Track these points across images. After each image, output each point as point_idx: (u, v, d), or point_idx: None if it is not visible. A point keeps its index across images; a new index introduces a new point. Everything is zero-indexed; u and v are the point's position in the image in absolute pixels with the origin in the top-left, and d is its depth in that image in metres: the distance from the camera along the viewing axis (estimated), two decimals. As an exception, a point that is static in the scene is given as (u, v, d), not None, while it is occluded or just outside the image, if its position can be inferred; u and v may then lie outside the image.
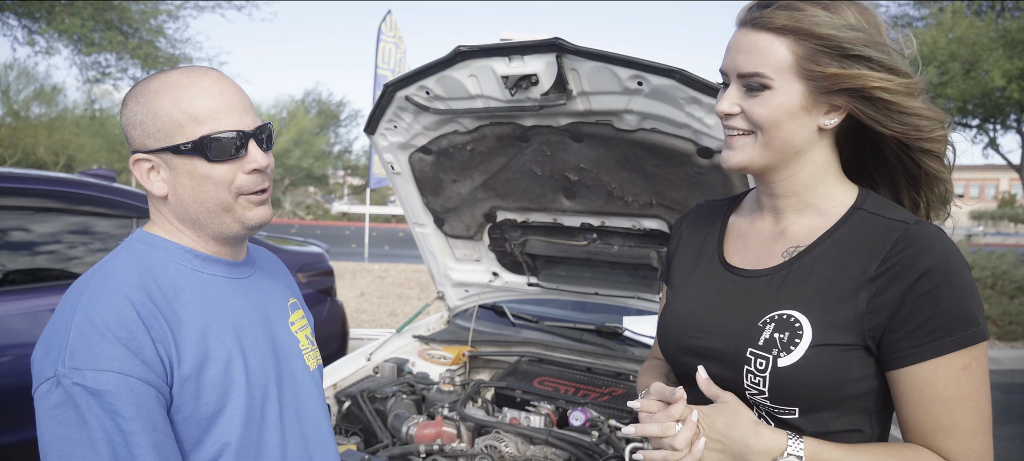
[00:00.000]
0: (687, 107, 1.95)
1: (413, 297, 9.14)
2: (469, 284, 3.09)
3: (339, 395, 2.53)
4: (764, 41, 0.99)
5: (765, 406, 1.03)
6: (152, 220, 1.13)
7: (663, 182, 2.25)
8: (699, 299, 1.14)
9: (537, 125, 2.27)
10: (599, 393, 2.48)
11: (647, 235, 2.50)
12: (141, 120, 1.05)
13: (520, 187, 2.56)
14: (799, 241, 1.07)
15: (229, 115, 1.05)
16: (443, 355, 2.91)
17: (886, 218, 1.01)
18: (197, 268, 1.10)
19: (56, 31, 10.58)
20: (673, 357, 1.16)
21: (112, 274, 1.02)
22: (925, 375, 0.95)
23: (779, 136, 1.01)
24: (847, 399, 1.00)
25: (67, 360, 0.93)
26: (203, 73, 1.07)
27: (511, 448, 2.13)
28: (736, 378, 1.04)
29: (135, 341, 0.96)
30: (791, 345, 0.99)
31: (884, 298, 0.96)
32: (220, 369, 1.04)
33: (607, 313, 3.10)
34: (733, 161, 1.06)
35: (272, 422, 1.11)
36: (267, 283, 1.23)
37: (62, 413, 0.92)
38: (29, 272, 3.13)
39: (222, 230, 1.10)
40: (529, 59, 2.06)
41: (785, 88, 0.99)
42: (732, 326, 1.06)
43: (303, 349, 1.24)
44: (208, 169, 1.04)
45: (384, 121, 2.50)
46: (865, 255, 0.99)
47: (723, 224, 1.21)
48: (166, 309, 1.01)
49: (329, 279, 4.37)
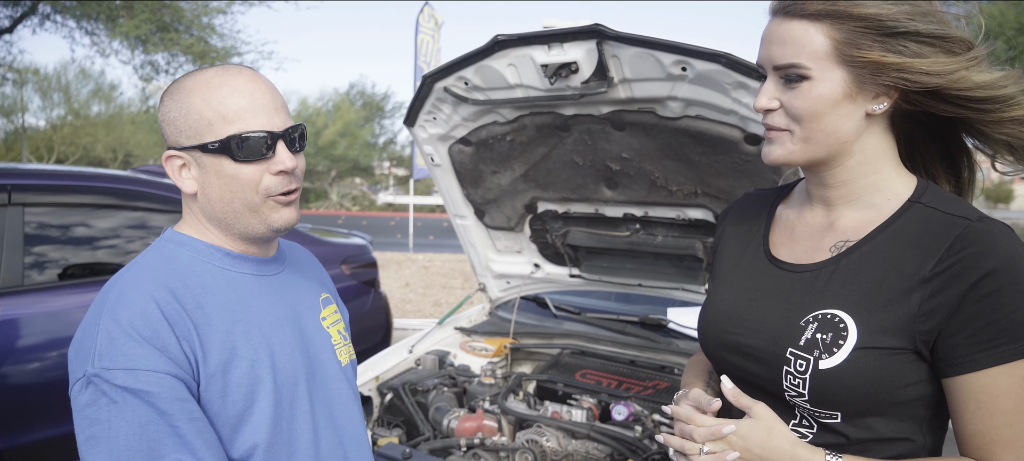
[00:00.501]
0: (733, 93, 1.87)
1: (457, 287, 9.19)
2: (510, 276, 3.07)
3: (381, 387, 2.54)
4: (798, 29, 0.92)
5: (805, 408, 0.97)
6: (183, 218, 1.13)
7: (708, 171, 2.18)
8: (741, 293, 1.08)
9: (578, 114, 2.22)
10: (643, 386, 2.43)
11: (692, 225, 2.43)
12: (174, 117, 1.05)
13: (561, 177, 2.52)
14: (849, 235, 1.00)
15: (258, 115, 1.04)
16: (485, 347, 2.90)
17: (945, 213, 0.93)
18: (225, 266, 1.10)
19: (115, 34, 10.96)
20: (712, 353, 1.11)
21: (139, 274, 1.03)
22: (984, 384, 0.88)
23: (821, 128, 0.94)
24: (895, 405, 0.93)
25: (96, 360, 0.94)
26: (237, 72, 1.07)
27: (552, 442, 2.10)
28: (775, 378, 0.98)
29: (160, 339, 0.96)
30: (834, 347, 0.92)
31: (939, 300, 0.88)
32: (247, 367, 1.04)
33: (651, 305, 3.04)
34: (773, 157, 0.99)
35: (303, 420, 1.11)
36: (297, 279, 1.23)
37: (94, 412, 0.93)
38: (87, 267, 3.24)
39: (247, 230, 1.09)
40: (569, 47, 2.01)
41: (825, 77, 0.92)
42: (773, 323, 1.00)
43: (335, 345, 1.23)
44: (235, 169, 1.04)
45: (423, 113, 2.49)
46: (920, 253, 0.91)
47: (770, 215, 1.14)
48: (192, 307, 1.02)
49: (373, 271, 4.40)
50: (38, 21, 11.80)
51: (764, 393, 1.03)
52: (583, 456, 2.07)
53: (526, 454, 2.05)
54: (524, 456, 2.05)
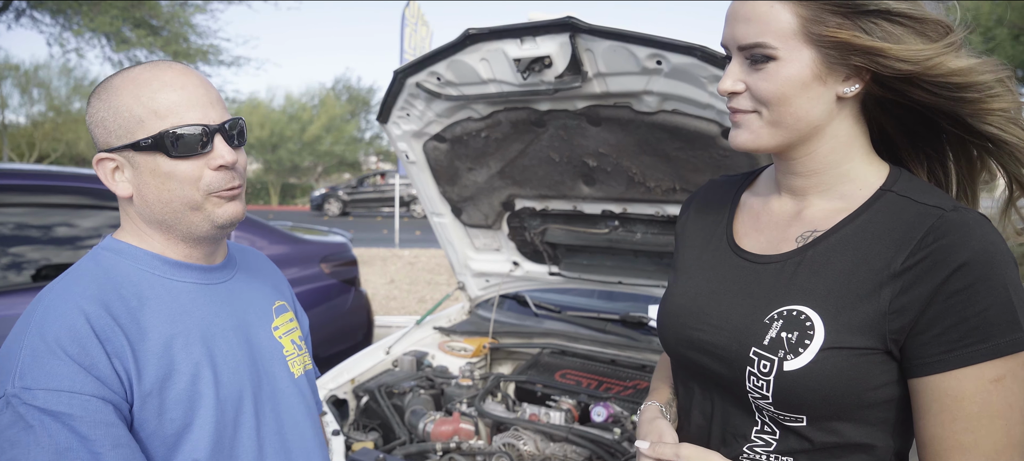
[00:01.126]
0: (710, 86, 1.83)
1: (442, 283, 9.13)
2: (490, 274, 3.01)
3: (357, 390, 2.48)
4: (764, 7, 0.86)
5: (769, 412, 0.91)
6: (121, 225, 1.07)
7: (686, 166, 2.13)
8: (702, 285, 1.02)
9: (553, 109, 2.17)
10: (623, 386, 2.39)
11: (671, 222, 2.39)
12: (103, 117, 0.99)
13: (538, 174, 2.47)
14: (816, 225, 0.93)
15: (192, 109, 0.98)
16: (464, 347, 2.85)
17: (919, 203, 0.87)
18: (166, 275, 1.04)
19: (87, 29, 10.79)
20: (672, 349, 1.04)
21: (70, 287, 0.97)
22: (949, 386, 0.82)
23: (790, 112, 0.88)
24: (863, 408, 0.87)
25: (17, 379, 0.88)
26: (167, 66, 1.01)
27: (529, 446, 2.06)
28: (737, 379, 0.92)
29: (88, 357, 0.90)
30: (800, 347, 0.86)
31: (910, 296, 0.82)
32: (186, 383, 0.98)
33: (632, 302, 3.00)
34: (739, 141, 0.93)
35: (247, 436, 1.05)
36: (248, 286, 1.16)
37: (14, 435, 0.87)
38: (62, 268, 3.16)
39: (191, 230, 1.03)
40: (541, 40, 1.96)
41: (792, 57, 0.86)
42: (735, 320, 0.94)
43: (288, 355, 1.17)
44: (171, 166, 0.98)
45: (396, 109, 2.43)
46: (891, 245, 0.85)
47: (734, 202, 1.08)
48: (126, 321, 0.96)
49: (353, 269, 4.33)
50: (13, 16, 11.59)
51: (726, 392, 0.97)
52: (561, 460, 2.03)
53: (503, 458, 2.01)
54: (501, 460, 2.01)
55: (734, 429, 0.97)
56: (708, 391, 1.01)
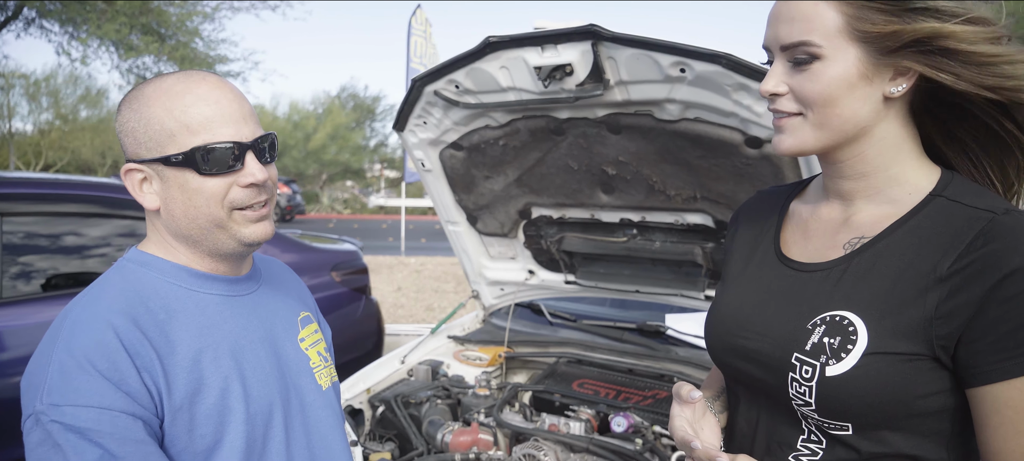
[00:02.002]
0: (734, 94, 1.81)
1: (449, 291, 9.11)
2: (505, 283, 3.00)
3: (373, 400, 2.46)
4: (807, 5, 0.85)
5: (814, 419, 0.89)
6: (147, 236, 1.05)
7: (708, 175, 2.12)
8: (748, 295, 1.01)
9: (572, 117, 2.15)
10: (642, 396, 2.37)
11: (690, 230, 2.37)
12: (133, 128, 0.97)
13: (555, 182, 2.45)
14: (864, 231, 0.91)
15: (225, 125, 0.97)
16: (479, 356, 2.83)
17: (969, 207, 0.85)
18: (193, 288, 1.02)
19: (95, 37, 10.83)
20: (718, 358, 1.04)
21: (97, 300, 0.95)
22: (1010, 396, 0.80)
23: (836, 113, 0.87)
24: (913, 417, 0.85)
25: (45, 396, 0.86)
26: (200, 78, 0.99)
27: (550, 457, 2.04)
28: (781, 385, 0.91)
29: (117, 372, 0.88)
30: (842, 352, 0.85)
31: (958, 301, 0.81)
32: (216, 397, 0.96)
33: (649, 311, 2.98)
34: (784, 146, 0.91)
35: (276, 450, 1.03)
36: (274, 298, 1.15)
37: (44, 453, 0.86)
38: (72, 277, 3.15)
39: (217, 247, 1.02)
40: (563, 48, 1.95)
41: (838, 56, 0.85)
42: (779, 327, 0.93)
43: (314, 367, 1.16)
44: (199, 183, 0.96)
45: (413, 117, 2.42)
46: (938, 249, 0.83)
47: (783, 212, 1.06)
48: (155, 334, 0.94)
49: (363, 277, 4.32)
50: (23, 25, 11.65)
51: (772, 401, 0.96)
52: (582, 471, 2.01)
53: (523, 470, 1.98)
54: (521, 472, 1.98)
55: (780, 438, 0.95)
56: (754, 400, 1.00)
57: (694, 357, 2.53)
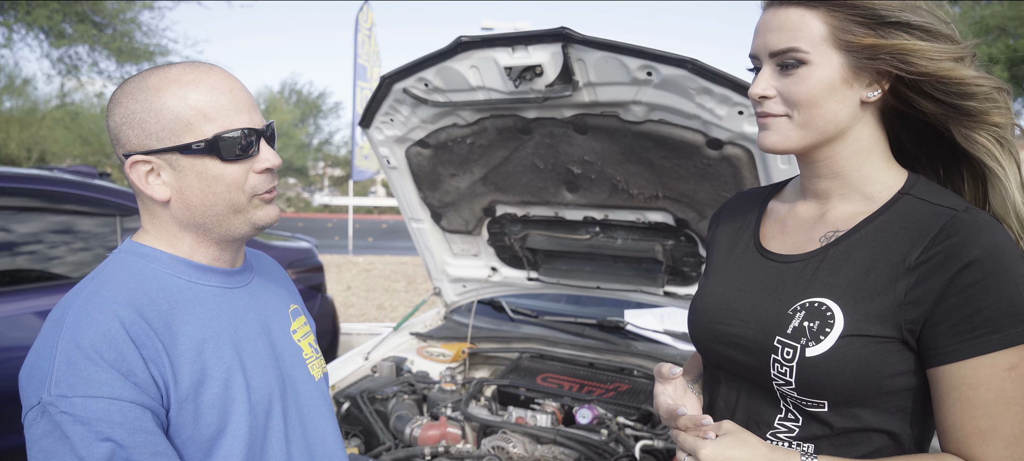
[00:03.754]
0: (698, 98, 1.90)
1: (400, 289, 9.06)
2: (467, 279, 3.03)
3: (338, 396, 2.46)
4: (795, 16, 0.94)
5: (793, 398, 0.98)
6: (144, 229, 1.05)
7: (670, 174, 2.20)
8: (731, 285, 1.09)
9: (540, 117, 2.21)
10: (604, 389, 2.44)
11: (652, 228, 2.46)
12: (142, 118, 0.97)
13: (521, 181, 2.50)
14: (838, 226, 1.01)
15: (239, 113, 0.99)
16: (442, 352, 2.85)
17: (934, 204, 0.95)
18: (192, 279, 1.03)
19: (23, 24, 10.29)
20: (702, 344, 1.12)
21: (99, 290, 0.95)
22: (965, 374, 0.89)
23: (819, 114, 0.96)
24: (882, 395, 0.94)
25: (53, 387, 0.86)
26: (209, 69, 1.00)
27: (519, 448, 2.08)
28: (763, 368, 0.99)
29: (125, 363, 0.89)
30: (821, 334, 0.94)
31: (924, 289, 0.90)
32: (219, 387, 0.97)
33: (607, 307, 3.06)
34: (769, 143, 1.00)
35: (276, 440, 1.05)
36: (266, 290, 1.16)
37: (50, 444, 0.85)
38: (7, 274, 3.01)
39: (229, 232, 1.03)
40: (533, 49, 2.00)
41: (823, 61, 0.94)
42: (761, 313, 1.01)
43: (307, 358, 1.18)
44: (220, 169, 0.98)
45: (380, 114, 2.43)
46: (906, 242, 0.93)
47: (762, 209, 1.16)
48: (159, 325, 0.94)
49: (319, 275, 4.28)
50: (-58, 10, 10.97)
51: (752, 384, 1.04)
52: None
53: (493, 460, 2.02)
54: (491, 463, 2.02)
55: (758, 417, 1.03)
56: (734, 383, 1.07)
57: (653, 351, 2.62)
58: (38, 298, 2.97)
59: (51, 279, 3.10)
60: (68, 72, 11.73)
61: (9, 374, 2.70)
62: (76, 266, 3.19)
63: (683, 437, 0.98)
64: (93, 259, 3.21)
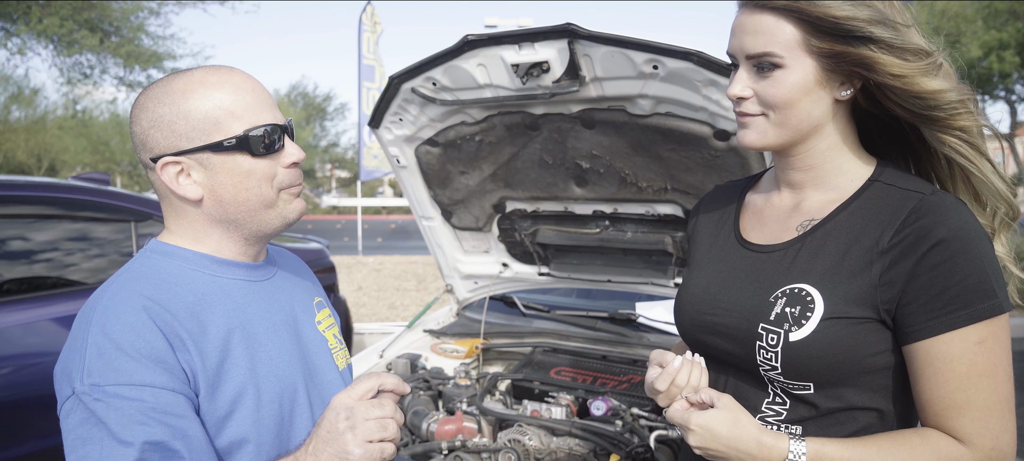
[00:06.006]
0: (704, 90, 1.91)
1: (411, 289, 9.10)
2: (478, 276, 3.06)
3: (354, 394, 2.49)
4: (769, 20, 0.97)
5: (780, 382, 1.01)
6: (169, 229, 1.08)
7: (678, 166, 2.22)
8: (714, 276, 1.13)
9: (548, 113, 2.23)
10: (617, 381, 2.46)
11: (661, 221, 2.48)
12: (171, 121, 1.00)
13: (530, 177, 2.52)
14: (814, 215, 1.05)
15: (264, 110, 1.03)
16: (456, 349, 2.88)
17: (902, 189, 0.99)
18: (217, 274, 1.06)
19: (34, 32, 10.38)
20: (688, 335, 1.15)
21: (126, 285, 0.98)
22: (938, 350, 0.93)
23: (794, 114, 0.99)
24: (865, 374, 0.98)
25: (86, 376, 0.90)
26: (230, 71, 1.04)
27: (535, 441, 2.11)
28: (748, 354, 1.03)
29: (154, 351, 0.92)
30: (802, 319, 0.97)
31: (896, 270, 0.94)
32: (245, 377, 1.01)
33: (618, 300, 3.08)
34: (747, 141, 1.04)
35: (301, 429, 1.08)
36: (290, 283, 1.20)
37: (86, 431, 0.89)
38: (26, 281, 3.06)
39: (260, 227, 1.06)
40: (540, 46, 2.02)
41: (797, 65, 0.97)
42: (744, 302, 1.05)
43: (332, 348, 1.21)
44: (252, 165, 1.02)
45: (389, 114, 2.46)
46: (878, 226, 0.97)
47: (740, 201, 1.20)
48: (185, 317, 0.98)
49: (331, 275, 4.33)
50: (-48, 23, 11.08)
51: (739, 371, 1.07)
52: (566, 453, 2.09)
53: (509, 454, 2.05)
54: (507, 456, 2.05)
55: (746, 402, 1.06)
56: (721, 371, 1.11)
57: (665, 342, 2.64)
58: (56, 305, 3.01)
59: (68, 285, 3.15)
60: (80, 80, 11.84)
61: (31, 380, 2.77)
62: (92, 272, 3.24)
63: (674, 409, 1.02)
64: (109, 265, 3.26)
